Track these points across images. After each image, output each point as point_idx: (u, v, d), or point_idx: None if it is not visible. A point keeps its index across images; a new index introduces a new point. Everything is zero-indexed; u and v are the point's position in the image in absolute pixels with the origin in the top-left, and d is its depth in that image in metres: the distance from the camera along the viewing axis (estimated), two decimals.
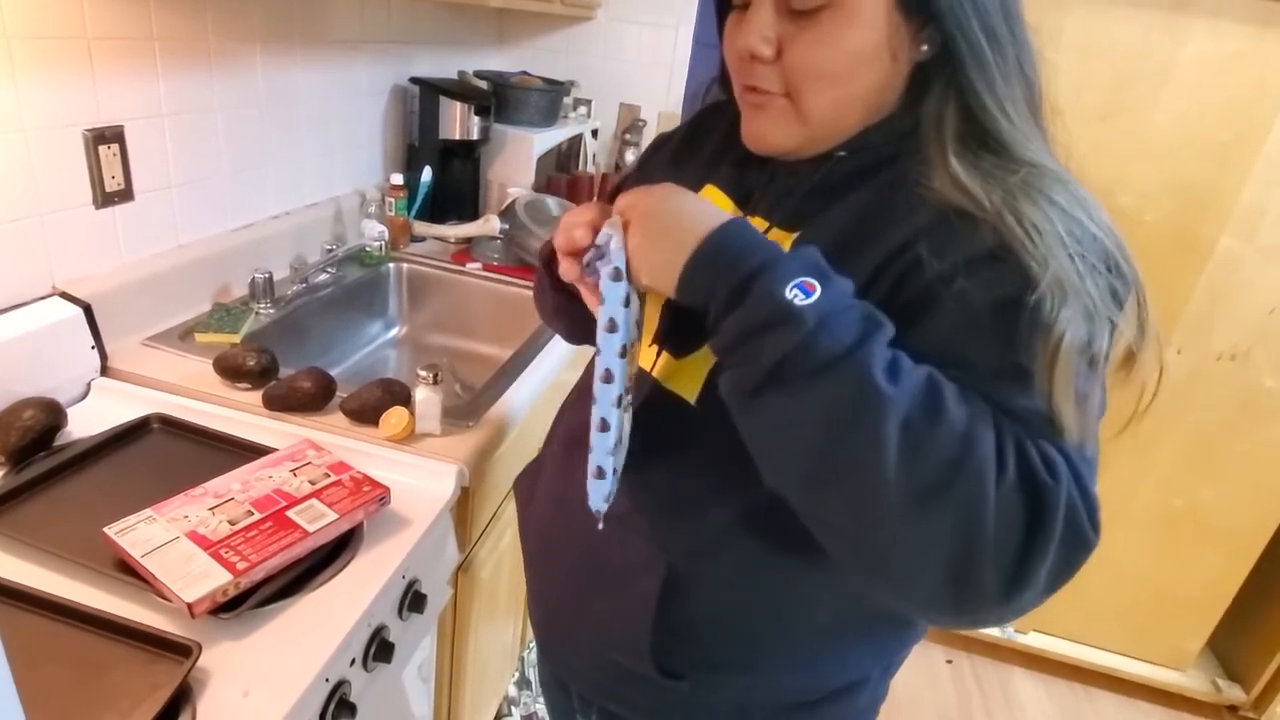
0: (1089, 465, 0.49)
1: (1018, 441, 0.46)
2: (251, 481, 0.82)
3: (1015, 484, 0.45)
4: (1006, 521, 0.45)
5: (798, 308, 0.46)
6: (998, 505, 0.44)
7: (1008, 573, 0.45)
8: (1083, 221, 0.50)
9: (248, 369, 1.02)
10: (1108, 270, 0.50)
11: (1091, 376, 0.49)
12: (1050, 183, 0.51)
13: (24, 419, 0.86)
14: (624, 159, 2.15)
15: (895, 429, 0.45)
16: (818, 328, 0.46)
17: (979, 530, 0.45)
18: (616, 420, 0.55)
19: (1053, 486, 0.45)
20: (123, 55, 1.03)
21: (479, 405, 1.08)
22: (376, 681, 0.81)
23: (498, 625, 1.38)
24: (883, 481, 0.45)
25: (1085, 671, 2.02)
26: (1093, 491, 0.47)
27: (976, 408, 0.47)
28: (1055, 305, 0.47)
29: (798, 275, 0.47)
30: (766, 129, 0.59)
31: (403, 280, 1.62)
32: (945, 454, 0.45)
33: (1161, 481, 1.83)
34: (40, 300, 0.97)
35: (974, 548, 0.45)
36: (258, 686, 0.65)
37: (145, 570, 0.70)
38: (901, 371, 0.46)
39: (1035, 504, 0.45)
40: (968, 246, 0.50)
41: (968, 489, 0.45)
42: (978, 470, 0.45)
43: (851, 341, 0.46)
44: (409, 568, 0.84)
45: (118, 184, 1.06)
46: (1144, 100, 1.54)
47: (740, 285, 0.49)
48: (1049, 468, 0.46)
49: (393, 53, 1.68)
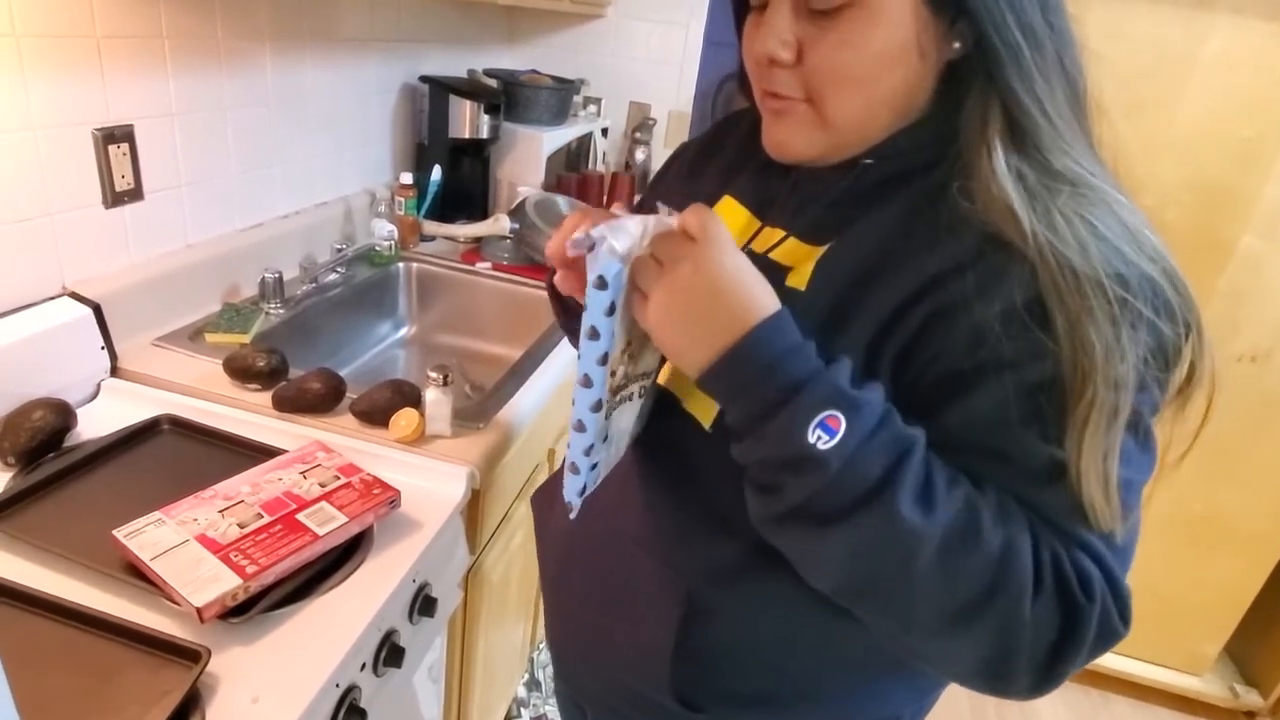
0: (1122, 555, 0.49)
1: (1055, 560, 0.47)
2: (261, 484, 0.82)
3: (1051, 601, 0.46)
4: (1040, 634, 0.46)
5: (820, 453, 0.45)
6: (1033, 621, 0.46)
7: (1040, 673, 0.47)
8: (1126, 255, 0.47)
9: (257, 370, 1.01)
10: (1156, 312, 0.46)
11: (1130, 449, 0.47)
12: (1095, 206, 0.47)
13: (33, 420, 0.86)
14: (634, 158, 2.14)
15: (927, 562, 0.45)
16: (841, 472, 0.45)
17: (1013, 645, 0.47)
18: (593, 423, 0.54)
19: (1086, 606, 0.46)
20: (132, 54, 1.02)
21: (489, 407, 1.07)
22: (387, 686, 0.80)
23: (507, 627, 1.37)
24: (916, 606, 0.47)
25: (1101, 676, 1.99)
26: (1124, 586, 0.48)
27: (1013, 526, 0.47)
28: (1085, 376, 0.45)
29: (820, 410, 0.45)
30: (788, 136, 0.55)
31: (412, 280, 1.62)
32: (980, 581, 0.46)
33: (1179, 485, 1.80)
34: (50, 300, 0.97)
35: (1007, 657, 0.47)
36: (267, 692, 0.64)
37: (154, 574, 0.69)
38: (935, 499, 0.46)
39: (1069, 620, 0.46)
40: (1006, 293, 0.47)
41: (1002, 611, 0.46)
42: (1014, 595, 0.46)
43: (878, 478, 0.45)
44: (419, 571, 0.83)
45: (127, 183, 1.06)
46: (1165, 97, 1.52)
47: (762, 414, 0.47)
48: (1084, 585, 0.46)
49: (402, 51, 1.67)
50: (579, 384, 0.53)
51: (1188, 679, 1.96)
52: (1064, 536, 0.48)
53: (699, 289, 0.48)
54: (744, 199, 0.64)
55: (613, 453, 0.61)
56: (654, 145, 2.16)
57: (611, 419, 0.57)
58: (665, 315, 0.49)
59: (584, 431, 0.54)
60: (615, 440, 0.60)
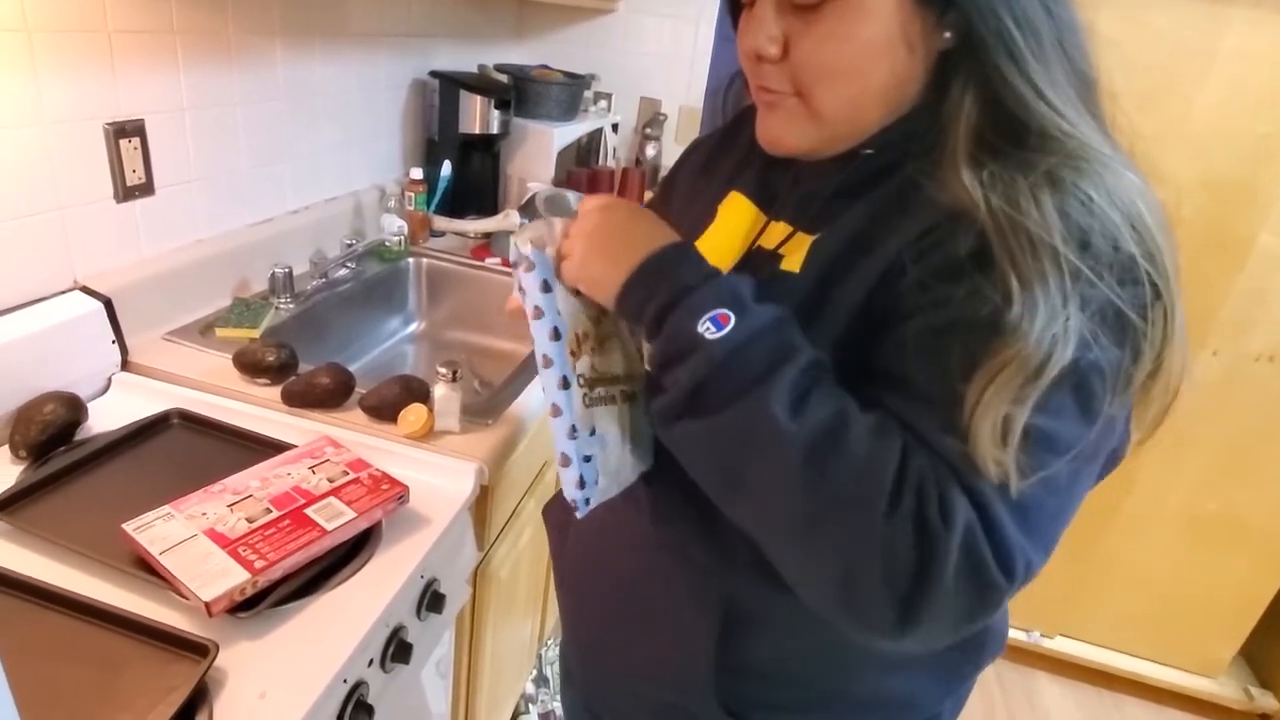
0: (1021, 511, 0.45)
1: (920, 484, 0.45)
2: (270, 479, 0.82)
3: (906, 524, 0.45)
4: (894, 556, 0.45)
5: (706, 341, 0.48)
6: (885, 541, 0.45)
7: (900, 603, 0.45)
8: (1108, 226, 0.46)
9: (267, 364, 1.01)
10: (1121, 284, 0.45)
11: (1063, 406, 0.45)
12: (1081, 174, 0.47)
13: (44, 413, 0.86)
14: (644, 153, 2.13)
15: (789, 461, 0.46)
16: (725, 361, 0.48)
17: (864, 561, 0.46)
18: (566, 403, 0.56)
19: (943, 533, 0.44)
20: (143, 49, 1.02)
21: (498, 403, 1.07)
22: (394, 682, 0.80)
23: (515, 623, 1.37)
24: (776, 505, 0.48)
25: (1113, 678, 1.98)
26: (1009, 536, 0.45)
27: (882, 441, 0.46)
28: (1015, 329, 0.44)
29: (712, 307, 0.49)
30: (780, 129, 0.56)
31: (422, 275, 1.61)
32: (836, 484, 0.46)
33: (1193, 485, 1.78)
34: (61, 295, 0.97)
35: (857, 573, 0.46)
36: (275, 687, 0.64)
37: (163, 568, 0.69)
38: (808, 405, 0.47)
39: (925, 546, 0.44)
40: (948, 251, 0.48)
41: (853, 520, 0.46)
42: (865, 503, 0.45)
43: (757, 374, 0.48)
44: (427, 567, 0.83)
45: (138, 178, 1.06)
46: (1181, 92, 1.49)
47: (659, 313, 0.51)
48: (945, 514, 0.44)
49: (412, 46, 1.67)
50: (540, 366, 0.57)
51: (1201, 681, 1.94)
52: (945, 470, 0.46)
53: (609, 228, 0.55)
54: (751, 194, 0.65)
55: (612, 458, 0.61)
56: (664, 141, 2.15)
57: (594, 413, 0.58)
58: (584, 257, 0.55)
59: (560, 415, 0.56)
60: (609, 443, 0.60)
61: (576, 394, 0.57)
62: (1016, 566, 0.45)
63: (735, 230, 0.64)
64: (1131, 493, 1.79)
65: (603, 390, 0.60)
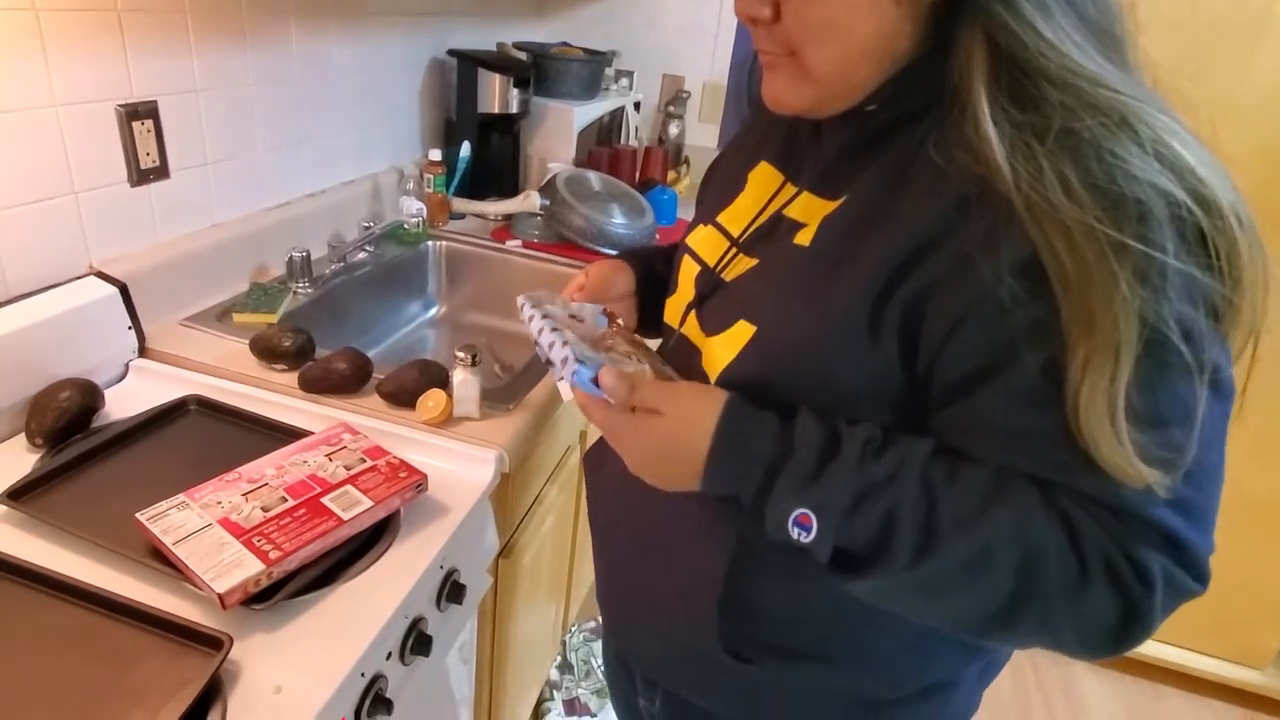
0: (1185, 507, 0.47)
1: (1103, 552, 0.47)
2: (286, 466, 0.80)
3: (1104, 591, 0.46)
4: (1095, 623, 0.48)
5: (807, 545, 0.52)
6: (1084, 614, 0.47)
7: (1106, 649, 0.49)
8: (1143, 185, 0.43)
9: (284, 350, 0.99)
10: (1182, 248, 0.43)
11: (1148, 381, 0.44)
12: (1103, 129, 0.44)
13: (60, 400, 0.85)
14: (667, 132, 2.08)
15: (945, 591, 0.50)
16: (834, 554, 0.52)
17: (1062, 636, 0.49)
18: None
19: (1144, 595, 0.46)
20: (154, 28, 1.00)
21: (519, 388, 1.04)
22: (414, 675, 0.78)
23: (540, 610, 1.35)
24: (951, 621, 0.53)
25: (1154, 669, 1.92)
26: (1192, 545, 0.47)
27: (1035, 529, 0.48)
28: (1077, 347, 0.44)
29: (792, 509, 0.52)
30: (778, 90, 0.57)
31: (441, 259, 1.59)
32: (1006, 589, 0.48)
33: (1241, 470, 1.70)
34: (77, 280, 0.96)
35: (1061, 645, 0.50)
36: (290, 682, 0.62)
37: (177, 558, 0.68)
38: (938, 539, 0.49)
39: (1129, 608, 0.46)
40: (996, 261, 0.46)
41: (1040, 610, 0.48)
42: (1049, 594, 0.47)
43: (868, 550, 0.51)
44: (447, 557, 0.81)
45: (152, 161, 1.04)
46: (1235, 60, 1.42)
47: (756, 511, 0.55)
48: (1141, 574, 0.46)
49: (430, 25, 1.63)
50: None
51: (1247, 672, 1.87)
52: (1110, 516, 0.47)
53: (650, 452, 0.59)
54: (776, 162, 0.66)
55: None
56: (688, 119, 2.10)
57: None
58: (641, 470, 0.60)
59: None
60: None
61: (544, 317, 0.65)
62: (1206, 570, 0.48)
63: (760, 197, 0.65)
64: None
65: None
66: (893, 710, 0.66)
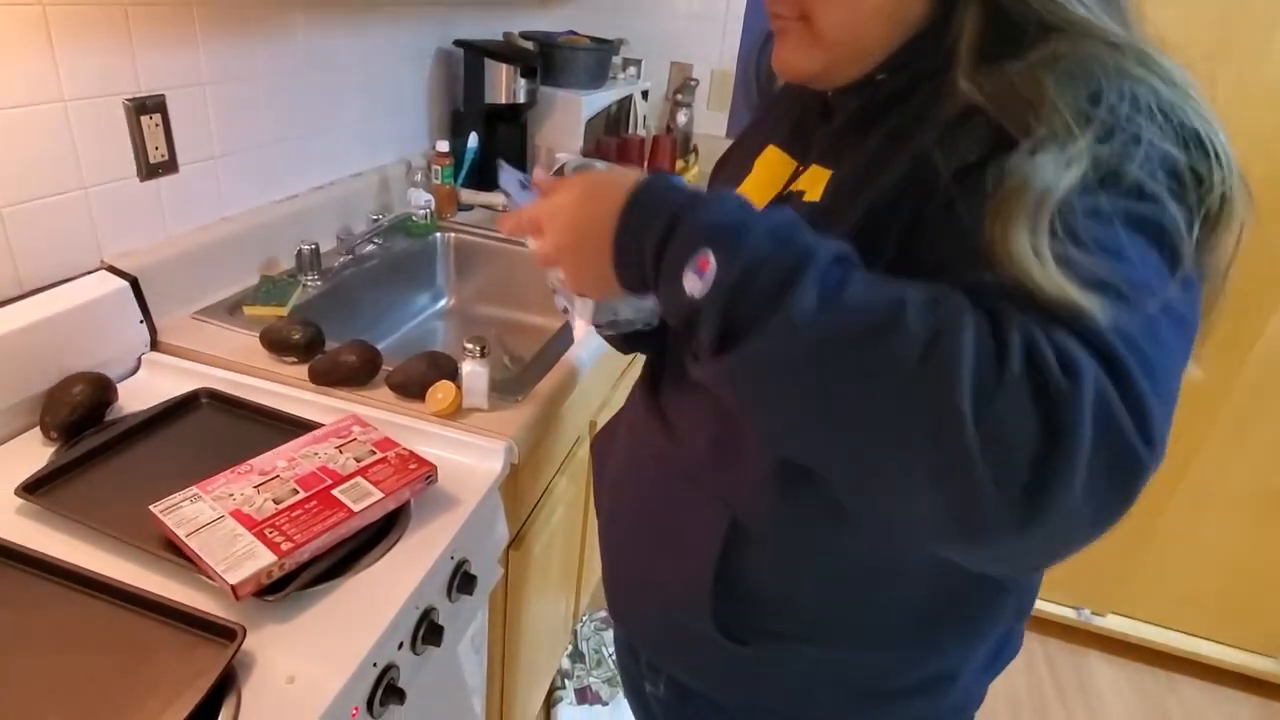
0: (1132, 344, 0.38)
1: (1028, 340, 0.37)
2: (297, 459, 0.80)
3: (1021, 389, 0.36)
4: (1011, 436, 0.36)
5: (697, 301, 0.45)
6: (996, 416, 0.36)
7: (1023, 496, 0.36)
8: (1119, 85, 0.43)
9: (293, 342, 0.99)
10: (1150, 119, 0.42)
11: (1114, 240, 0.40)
12: (1089, 56, 0.44)
13: (73, 394, 0.85)
14: (675, 121, 2.06)
15: (842, 364, 0.40)
16: (726, 307, 0.43)
17: (962, 450, 0.37)
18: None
19: (1069, 389, 0.36)
20: (161, 22, 1.00)
21: (527, 379, 1.04)
22: (426, 665, 0.79)
23: (550, 600, 1.36)
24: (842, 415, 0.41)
25: (1169, 657, 1.91)
26: (1140, 384, 0.37)
27: (958, 309, 0.39)
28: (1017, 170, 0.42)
29: (694, 250, 0.45)
30: (788, 55, 0.57)
31: (450, 250, 1.59)
32: (905, 372, 0.38)
33: (1259, 459, 1.69)
34: (88, 274, 0.96)
35: (967, 467, 0.37)
36: (303, 671, 0.63)
37: (190, 550, 0.68)
38: (845, 294, 0.41)
39: (1050, 412, 0.36)
40: (967, 143, 0.46)
41: (939, 402, 0.37)
42: (954, 379, 0.37)
43: (768, 297, 0.42)
44: (458, 548, 0.81)
45: (161, 155, 1.04)
46: (1255, 41, 1.39)
47: (653, 279, 0.49)
48: (1067, 367, 0.36)
49: (436, 15, 1.62)
50: None
51: (1263, 660, 1.86)
52: (1042, 317, 0.39)
53: (572, 225, 0.55)
54: (784, 145, 0.66)
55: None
56: (696, 107, 2.08)
57: None
58: (572, 264, 0.57)
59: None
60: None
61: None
62: (1155, 427, 0.37)
63: (766, 181, 0.65)
64: (1193, 466, 1.71)
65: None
66: (890, 699, 0.66)
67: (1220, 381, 1.63)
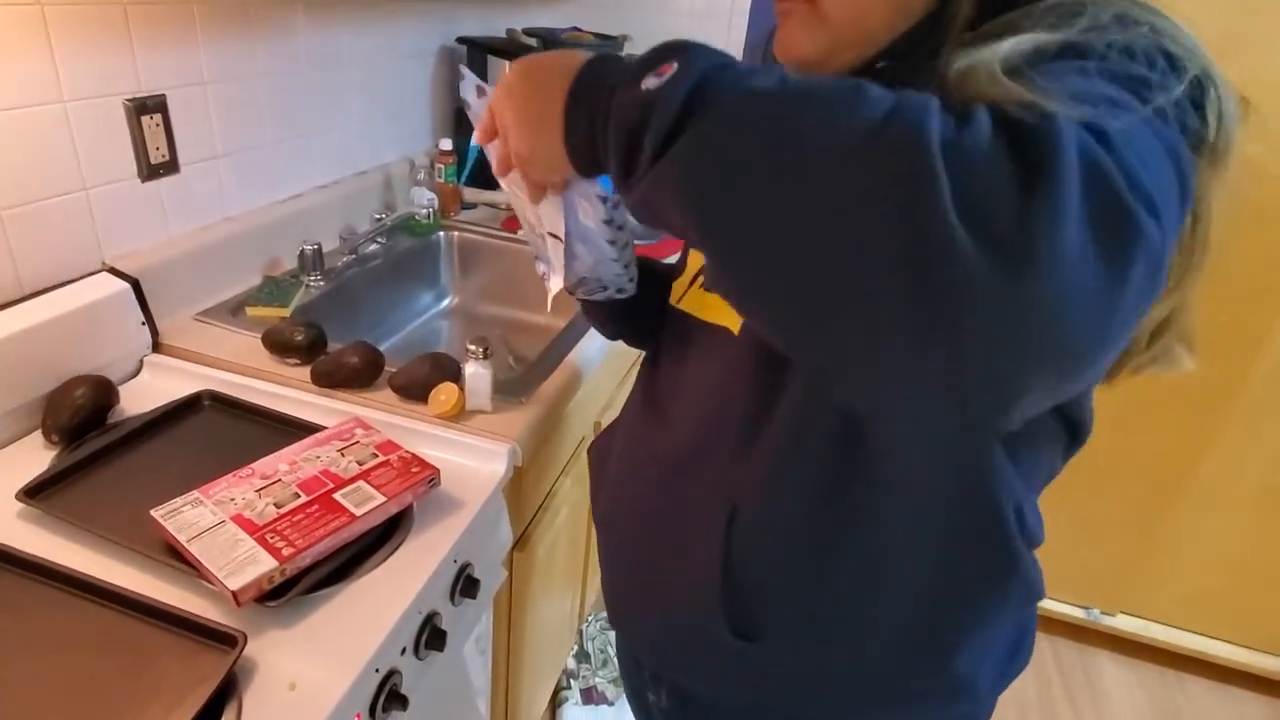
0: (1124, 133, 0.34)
1: (991, 108, 0.35)
2: (299, 462, 0.79)
3: (982, 131, 0.33)
4: (980, 177, 0.32)
5: (658, 92, 0.42)
6: (966, 154, 0.32)
7: (999, 246, 0.31)
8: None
9: (295, 344, 0.99)
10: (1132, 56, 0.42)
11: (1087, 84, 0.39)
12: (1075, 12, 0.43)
13: (75, 398, 0.85)
14: None
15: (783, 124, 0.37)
16: (689, 97, 0.41)
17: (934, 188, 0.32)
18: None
19: (1049, 130, 0.32)
20: (160, 20, 0.99)
21: (531, 380, 1.03)
22: (429, 670, 0.78)
23: (555, 600, 1.35)
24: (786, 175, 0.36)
25: (1178, 657, 1.89)
26: (1127, 155, 0.33)
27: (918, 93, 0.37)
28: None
29: (652, 68, 0.43)
30: (789, 38, 0.56)
31: (453, 249, 1.58)
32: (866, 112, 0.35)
33: (1270, 457, 1.67)
34: (89, 276, 0.96)
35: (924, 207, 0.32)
36: (304, 678, 0.62)
37: (191, 555, 0.68)
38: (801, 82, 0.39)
39: (1024, 150, 0.32)
40: None
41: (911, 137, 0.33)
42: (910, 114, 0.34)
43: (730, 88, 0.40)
44: (461, 551, 0.81)
45: (162, 155, 1.04)
46: (1272, 32, 1.37)
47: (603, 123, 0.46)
48: (1041, 117, 0.33)
49: (438, 12, 1.61)
50: None
51: (1273, 660, 1.84)
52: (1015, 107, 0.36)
53: (520, 98, 0.52)
54: None
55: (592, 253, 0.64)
56: None
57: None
58: (519, 133, 0.53)
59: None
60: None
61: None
62: (1152, 193, 0.33)
63: None
64: (1204, 463, 1.70)
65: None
66: (898, 701, 0.65)
67: (1231, 379, 1.61)
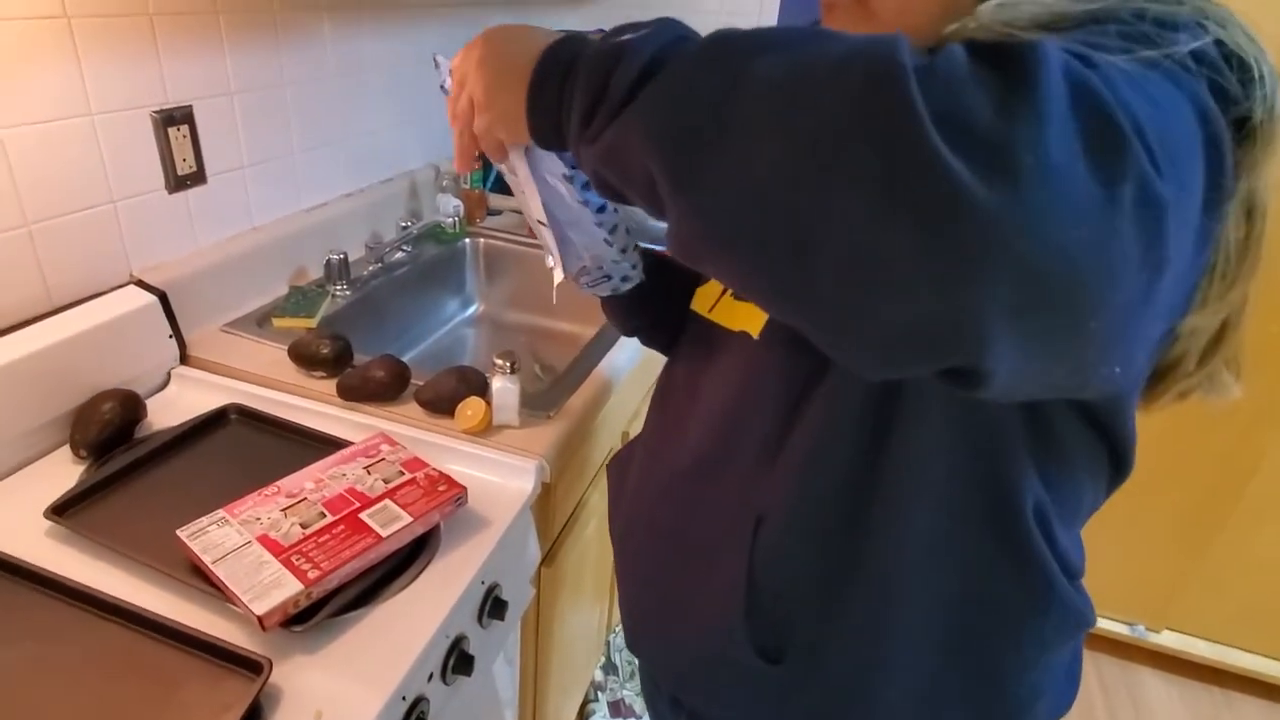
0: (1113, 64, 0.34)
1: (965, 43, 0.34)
2: (325, 480, 0.78)
3: (959, 57, 0.32)
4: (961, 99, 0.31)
5: (626, 43, 0.44)
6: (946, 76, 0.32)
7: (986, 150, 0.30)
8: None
9: (321, 357, 0.98)
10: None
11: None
12: None
13: (103, 412, 0.84)
14: None
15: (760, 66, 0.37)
16: (656, 53, 0.43)
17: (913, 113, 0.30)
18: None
19: (1024, 47, 0.32)
20: (187, 30, 0.99)
21: (559, 393, 1.01)
22: (456, 696, 0.76)
23: (583, 613, 1.33)
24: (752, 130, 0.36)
25: (1225, 674, 1.82)
26: (1117, 83, 0.32)
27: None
28: None
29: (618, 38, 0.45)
30: (836, 28, 0.54)
31: (479, 256, 1.57)
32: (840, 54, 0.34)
33: None
34: (117, 289, 0.96)
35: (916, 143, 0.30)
36: (331, 706, 0.61)
37: (217, 578, 0.66)
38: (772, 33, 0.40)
39: (1001, 66, 0.32)
40: None
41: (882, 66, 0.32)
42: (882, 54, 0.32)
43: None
44: (489, 572, 0.79)
45: (189, 166, 1.03)
46: None
47: (570, 81, 0.48)
48: (1020, 42, 0.33)
49: (464, 16, 1.60)
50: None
51: None
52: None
53: (487, 55, 0.54)
54: None
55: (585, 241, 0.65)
56: None
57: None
58: (476, 91, 0.55)
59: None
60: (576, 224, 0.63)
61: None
62: (1138, 114, 0.32)
63: None
64: (1256, 478, 1.63)
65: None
66: None
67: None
